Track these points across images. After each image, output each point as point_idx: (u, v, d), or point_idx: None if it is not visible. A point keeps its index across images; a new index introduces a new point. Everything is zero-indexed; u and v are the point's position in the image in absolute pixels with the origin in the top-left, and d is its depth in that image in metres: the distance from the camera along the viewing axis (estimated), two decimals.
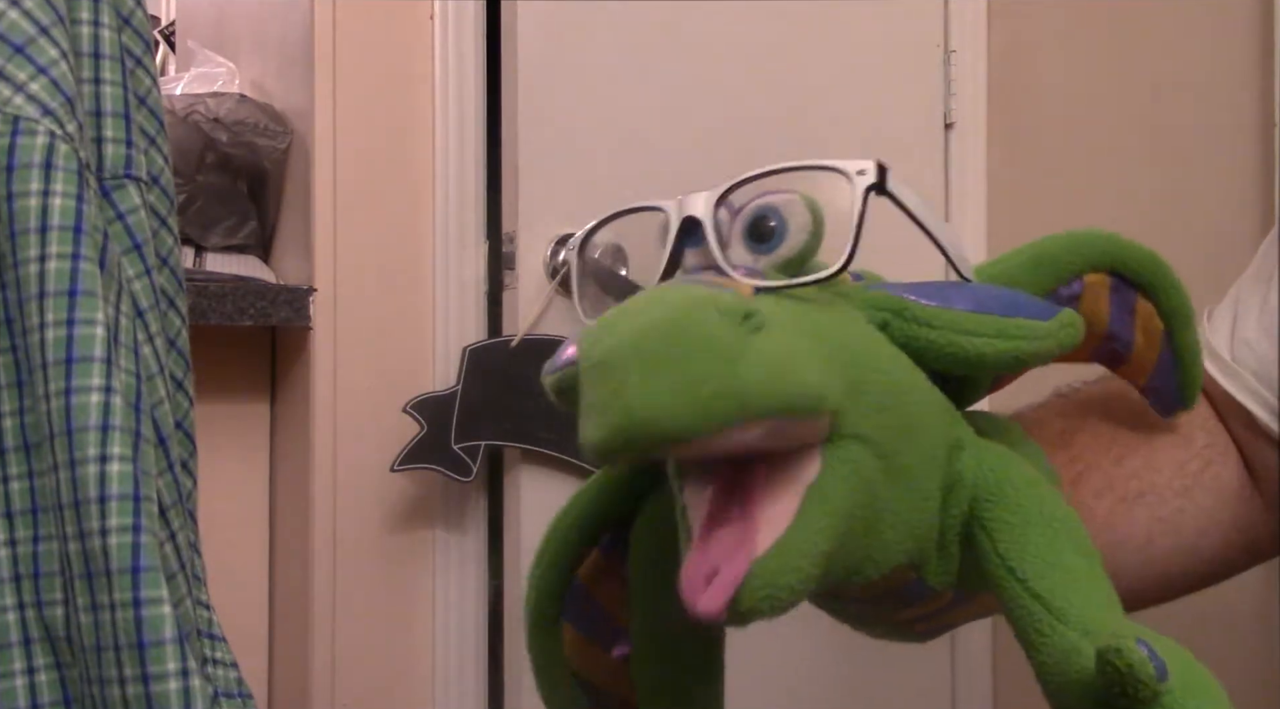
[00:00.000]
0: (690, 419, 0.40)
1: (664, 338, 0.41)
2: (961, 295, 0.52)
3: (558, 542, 0.59)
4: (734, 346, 0.41)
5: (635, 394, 0.40)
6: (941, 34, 1.93)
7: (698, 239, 0.51)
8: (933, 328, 0.51)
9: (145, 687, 0.56)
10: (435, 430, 1.49)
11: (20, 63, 0.60)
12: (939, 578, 0.52)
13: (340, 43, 1.54)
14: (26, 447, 0.60)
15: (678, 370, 0.41)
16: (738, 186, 0.51)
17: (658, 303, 0.43)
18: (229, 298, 1.43)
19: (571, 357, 0.56)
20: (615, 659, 0.59)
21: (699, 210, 0.51)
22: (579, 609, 0.59)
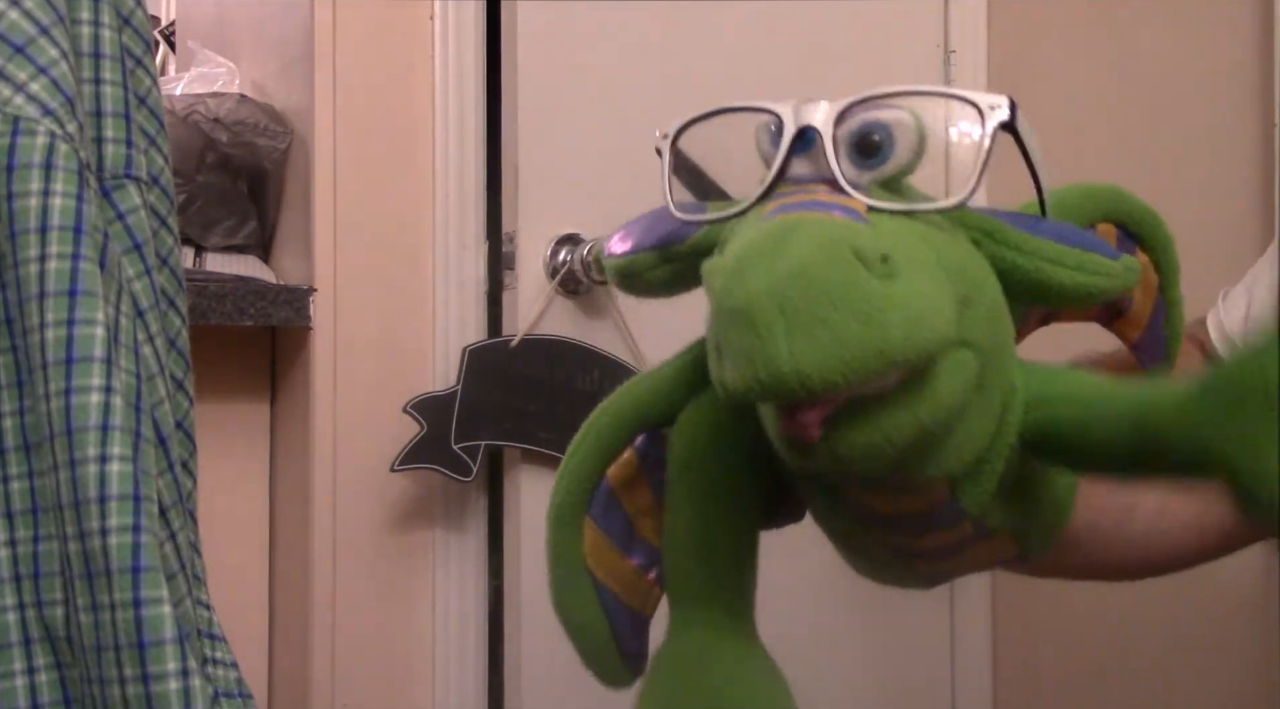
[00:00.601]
0: (837, 376, 0.42)
1: (806, 288, 0.42)
2: (1046, 227, 0.54)
3: (593, 436, 0.59)
4: (875, 299, 0.43)
5: (781, 348, 0.42)
6: (941, 34, 1.93)
7: (804, 147, 0.52)
8: (1022, 252, 0.53)
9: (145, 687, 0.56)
10: (435, 430, 1.49)
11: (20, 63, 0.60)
12: (972, 498, 0.53)
13: (340, 43, 1.54)
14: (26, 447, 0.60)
15: (822, 327, 0.42)
16: (864, 102, 0.52)
17: (792, 241, 0.44)
18: (229, 298, 1.43)
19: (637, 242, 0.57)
20: (633, 566, 0.59)
21: (818, 120, 0.52)
22: (604, 510, 0.59)
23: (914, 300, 0.44)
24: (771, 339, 0.42)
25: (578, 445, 0.60)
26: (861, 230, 0.45)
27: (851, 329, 0.42)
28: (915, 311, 0.44)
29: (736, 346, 0.43)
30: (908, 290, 0.44)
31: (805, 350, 0.42)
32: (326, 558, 1.50)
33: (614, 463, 0.60)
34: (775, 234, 0.45)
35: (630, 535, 0.59)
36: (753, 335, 0.43)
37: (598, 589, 0.60)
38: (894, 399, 0.45)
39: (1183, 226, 1.83)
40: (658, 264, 0.58)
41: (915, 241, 0.48)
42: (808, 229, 0.45)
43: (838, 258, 0.43)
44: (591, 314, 1.61)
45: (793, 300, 0.43)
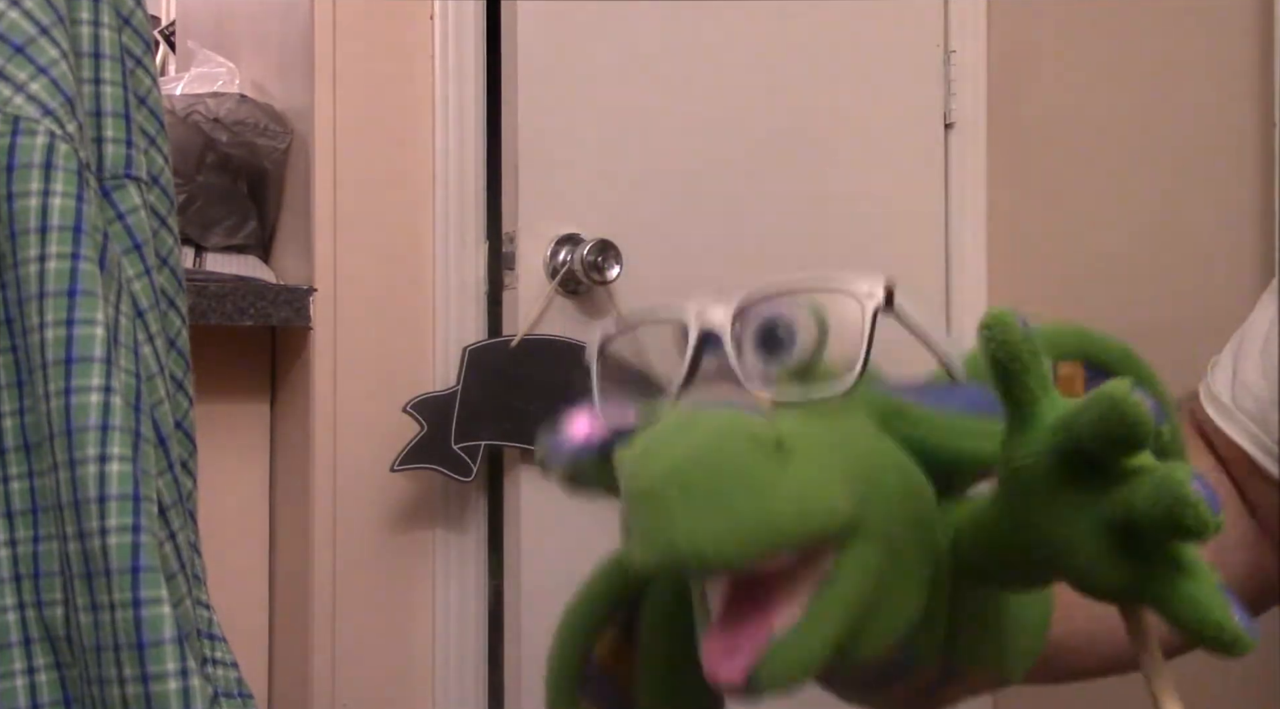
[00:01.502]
0: (731, 552, 0.45)
1: (703, 471, 0.46)
2: (954, 397, 0.57)
3: (573, 624, 0.64)
4: (768, 480, 0.46)
5: (679, 527, 0.45)
6: (941, 34, 1.93)
7: (714, 346, 0.55)
8: (933, 429, 0.55)
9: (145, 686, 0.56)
10: (435, 430, 1.49)
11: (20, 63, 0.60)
12: (924, 650, 0.56)
13: (340, 43, 1.54)
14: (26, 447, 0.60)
15: (718, 506, 0.45)
16: (752, 305, 0.55)
17: (694, 430, 0.47)
18: (229, 298, 1.43)
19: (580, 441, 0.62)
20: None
21: (717, 323, 0.55)
22: (597, 689, 0.63)
23: (804, 481, 0.47)
24: (670, 518, 0.45)
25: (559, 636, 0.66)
26: (761, 421, 0.48)
27: (744, 507, 0.46)
28: (805, 491, 0.47)
29: (641, 526, 0.47)
30: (798, 472, 0.47)
31: (701, 528, 0.45)
32: (326, 558, 1.50)
33: (599, 643, 0.64)
34: (678, 424, 0.49)
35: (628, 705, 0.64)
36: (654, 515, 0.46)
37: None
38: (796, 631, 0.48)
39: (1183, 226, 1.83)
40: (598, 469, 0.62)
41: (819, 430, 0.50)
42: (707, 419, 0.48)
43: (733, 442, 0.47)
44: (591, 314, 1.61)
45: (691, 481, 0.46)
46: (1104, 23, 1.83)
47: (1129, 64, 1.80)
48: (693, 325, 0.55)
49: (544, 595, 1.59)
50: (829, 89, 1.82)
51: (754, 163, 1.75)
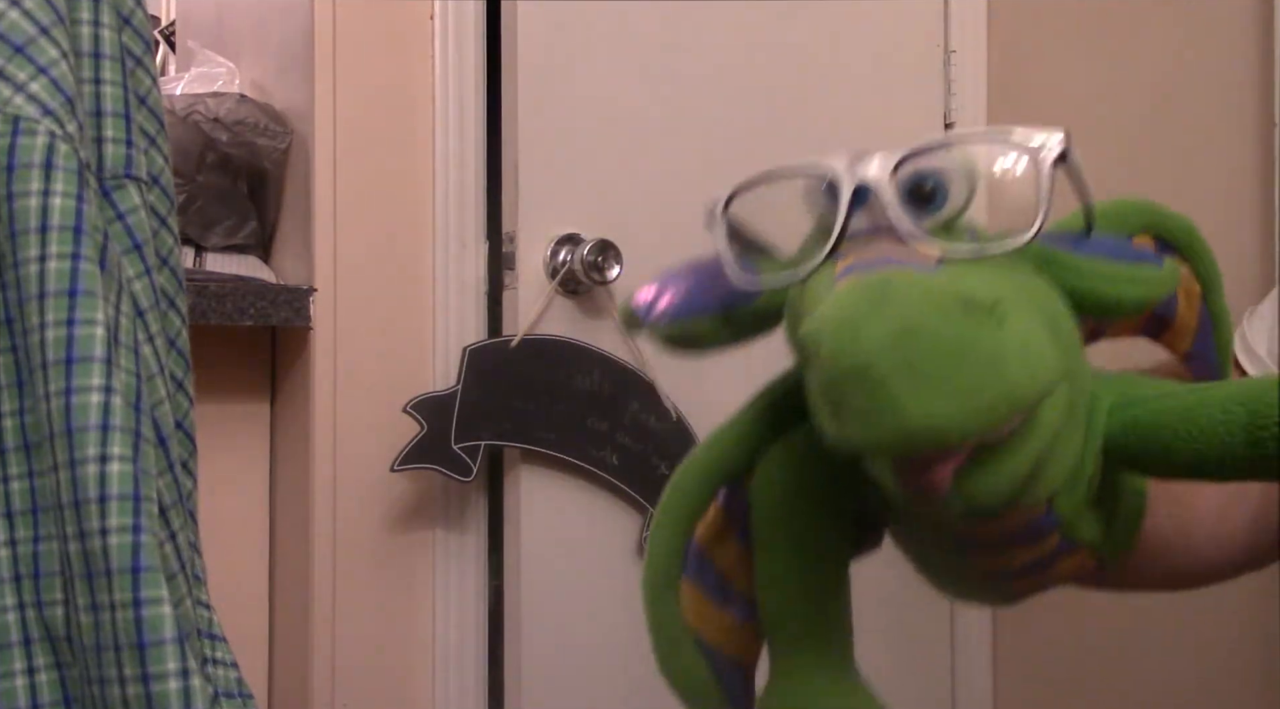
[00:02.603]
0: (970, 426, 0.44)
1: (926, 344, 0.44)
2: (1094, 245, 0.57)
3: (678, 500, 0.61)
4: (993, 348, 0.44)
5: (910, 405, 0.43)
6: (941, 34, 1.93)
7: (863, 201, 0.53)
8: (1079, 275, 0.55)
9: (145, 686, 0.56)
10: (435, 430, 1.49)
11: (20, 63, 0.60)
12: (1068, 507, 0.55)
13: (340, 43, 1.54)
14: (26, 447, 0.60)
15: (949, 381, 0.44)
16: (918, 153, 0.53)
17: (895, 298, 0.45)
18: (229, 298, 1.43)
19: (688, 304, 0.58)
20: (732, 618, 0.60)
21: (873, 176, 0.52)
22: (697, 569, 0.61)
23: (1028, 344, 0.46)
24: (899, 396, 0.43)
25: (663, 511, 0.62)
26: (961, 280, 0.46)
27: (978, 380, 0.44)
28: (1031, 355, 0.46)
29: (859, 406, 0.44)
30: (1019, 335, 0.46)
31: (936, 405, 0.43)
32: (326, 558, 1.50)
33: (701, 522, 0.61)
34: (872, 293, 0.46)
35: (725, 589, 0.61)
36: (878, 393, 0.44)
37: (702, 648, 0.62)
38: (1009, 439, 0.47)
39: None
40: (719, 328, 0.59)
41: (1000, 282, 0.49)
42: (907, 283, 0.46)
43: (948, 310, 0.44)
44: (591, 314, 1.61)
45: (914, 356, 0.44)
46: (1104, 23, 1.83)
47: (1129, 64, 1.80)
48: (845, 180, 0.53)
49: (544, 595, 1.59)
50: (829, 89, 1.82)
51: (754, 162, 1.75)
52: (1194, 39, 1.71)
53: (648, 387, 1.62)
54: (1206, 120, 1.69)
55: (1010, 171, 0.53)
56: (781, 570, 0.59)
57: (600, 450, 1.58)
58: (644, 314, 0.60)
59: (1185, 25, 1.72)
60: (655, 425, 1.62)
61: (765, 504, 0.59)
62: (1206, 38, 1.70)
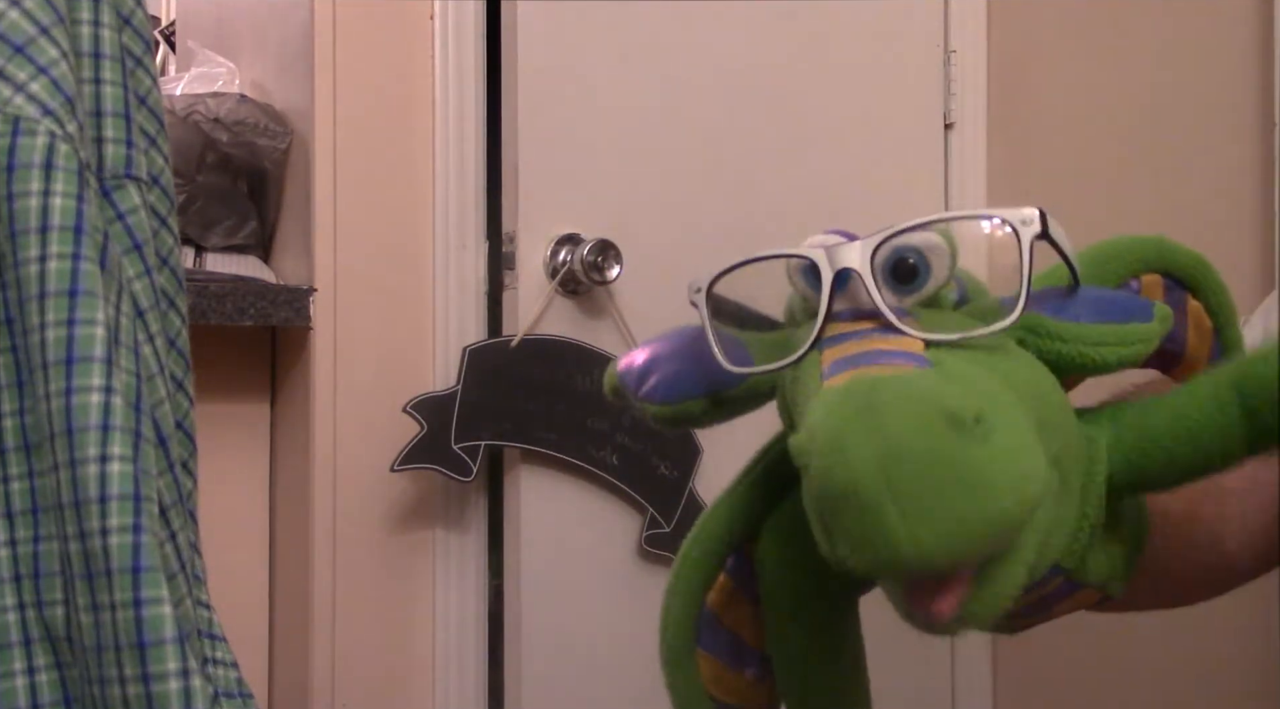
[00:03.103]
0: (959, 551, 0.44)
1: (911, 466, 0.44)
2: (1080, 305, 0.57)
3: (689, 573, 0.62)
4: (981, 469, 0.44)
5: (898, 532, 0.44)
6: (941, 34, 1.93)
7: (845, 284, 0.53)
8: (1065, 342, 0.55)
9: (145, 687, 0.56)
10: (435, 430, 1.49)
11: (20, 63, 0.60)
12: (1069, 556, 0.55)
13: (340, 43, 1.54)
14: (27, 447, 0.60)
15: (936, 509, 0.44)
16: (895, 236, 0.53)
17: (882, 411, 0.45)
18: (229, 298, 1.43)
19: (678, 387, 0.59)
20: (750, 678, 0.62)
21: (855, 262, 0.53)
22: (710, 635, 0.62)
23: (1014, 460, 0.46)
24: (886, 522, 0.44)
25: (674, 584, 0.63)
26: (945, 388, 0.46)
27: (964, 503, 0.44)
28: (1018, 471, 0.45)
29: (850, 529, 0.45)
30: (1005, 450, 0.45)
31: (922, 531, 0.43)
32: (326, 558, 1.50)
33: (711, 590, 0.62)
34: (857, 403, 0.46)
35: (739, 650, 0.62)
36: (866, 519, 0.44)
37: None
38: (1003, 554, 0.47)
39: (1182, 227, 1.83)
40: (709, 408, 0.60)
41: (982, 374, 0.49)
42: (890, 394, 0.46)
43: (932, 427, 0.44)
44: (591, 314, 1.61)
45: (899, 481, 0.44)
46: (1104, 23, 1.83)
47: (1129, 64, 1.80)
48: (825, 265, 0.53)
49: (544, 595, 1.59)
50: (829, 89, 1.82)
51: (754, 162, 1.75)
52: (1194, 39, 1.71)
53: None
54: (1206, 120, 1.69)
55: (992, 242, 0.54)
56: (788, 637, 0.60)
57: (600, 450, 1.58)
58: (633, 389, 0.61)
59: (1185, 25, 1.72)
60: (655, 425, 1.62)
61: (770, 574, 0.60)
62: (1206, 38, 1.70)
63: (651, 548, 1.62)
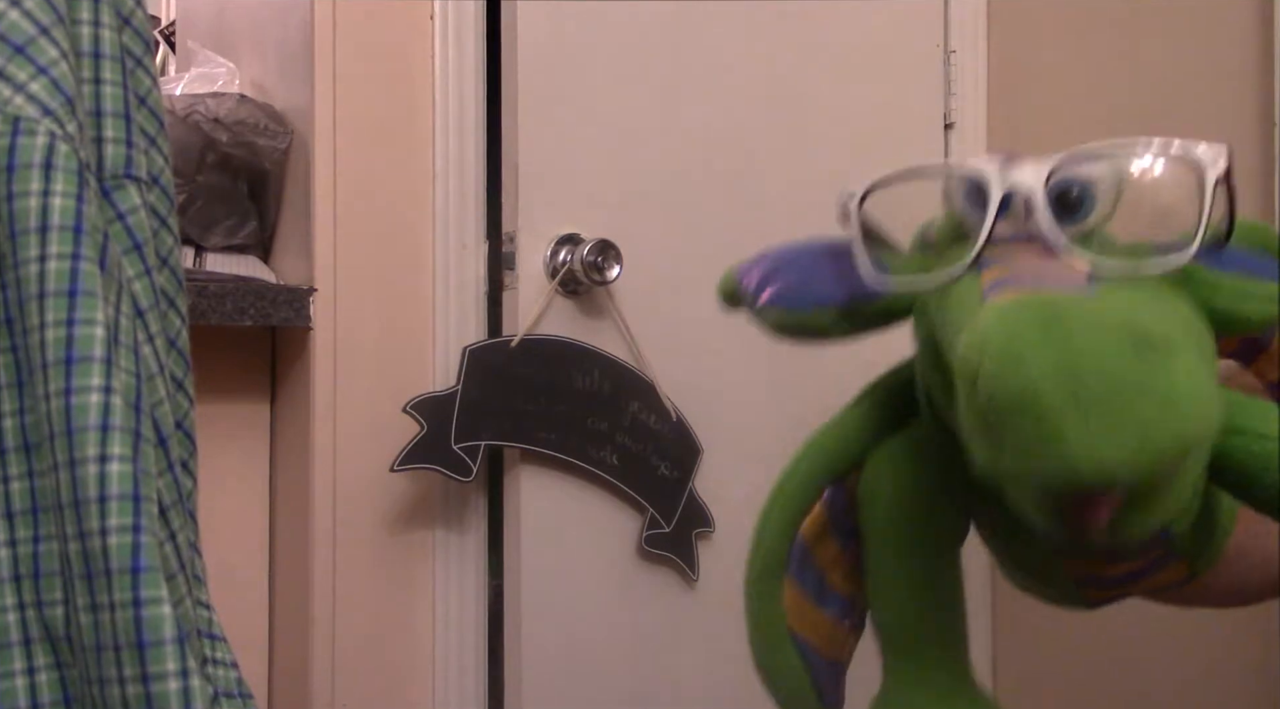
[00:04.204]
0: (1142, 469, 0.43)
1: (1097, 381, 0.42)
2: (1233, 260, 0.57)
3: (785, 498, 0.60)
4: (1167, 390, 0.44)
5: (1078, 443, 0.42)
6: (941, 34, 1.93)
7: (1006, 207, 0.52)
8: (1218, 291, 0.55)
9: (145, 686, 0.56)
10: (435, 430, 1.49)
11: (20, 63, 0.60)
12: (1181, 527, 0.55)
13: (340, 43, 1.54)
14: (27, 447, 0.60)
15: (1122, 421, 0.42)
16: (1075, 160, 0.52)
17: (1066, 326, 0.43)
18: (229, 298, 1.43)
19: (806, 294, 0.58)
20: (830, 618, 0.60)
21: (1028, 184, 0.52)
22: (800, 566, 0.60)
23: (1196, 382, 0.45)
24: (1067, 432, 0.42)
25: (771, 506, 0.62)
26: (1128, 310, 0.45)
27: (1153, 422, 0.43)
28: (1201, 397, 0.45)
29: (1021, 437, 0.43)
30: (1187, 372, 0.45)
31: (1107, 443, 0.42)
32: (326, 558, 1.50)
33: (805, 521, 0.61)
34: (1037, 317, 0.44)
35: (823, 588, 0.61)
36: (1043, 427, 0.43)
37: (799, 645, 0.62)
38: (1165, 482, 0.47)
39: None
40: (839, 320, 0.59)
41: (1163, 312, 0.49)
42: (1074, 311, 0.44)
43: (1120, 345, 0.43)
44: (591, 314, 1.61)
45: (1085, 391, 0.42)
46: (1104, 23, 1.83)
47: (1129, 64, 1.79)
48: (995, 184, 0.52)
49: (544, 595, 1.59)
50: (829, 89, 1.82)
51: (754, 163, 1.75)
52: (1194, 39, 1.71)
53: (648, 387, 1.62)
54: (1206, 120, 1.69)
55: (1163, 183, 0.53)
56: (895, 573, 0.59)
57: (600, 450, 1.58)
58: (752, 296, 0.59)
59: (1185, 25, 1.72)
60: (655, 425, 1.62)
61: (876, 504, 0.58)
62: (1206, 38, 1.70)
63: (651, 548, 1.62)
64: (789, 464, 0.61)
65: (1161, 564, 0.58)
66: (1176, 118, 1.73)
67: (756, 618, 0.61)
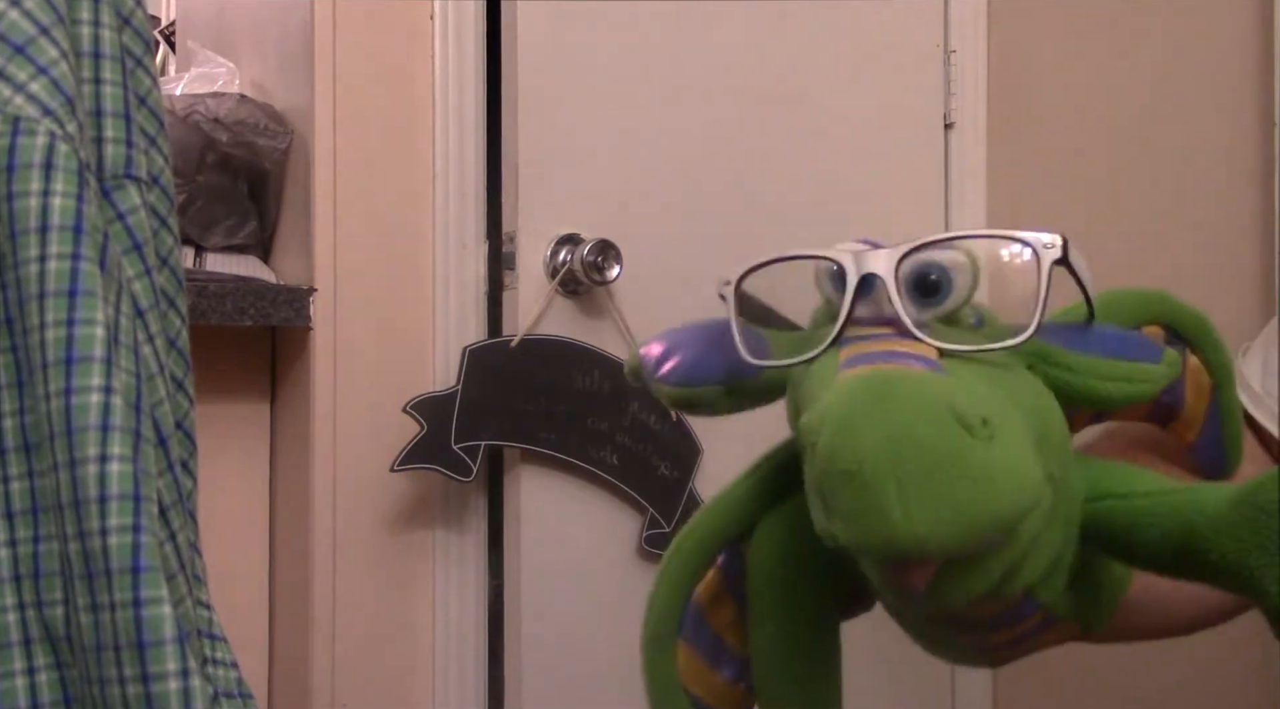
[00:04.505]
0: (953, 541, 0.45)
1: (917, 453, 0.45)
2: (1092, 340, 0.58)
3: (679, 563, 0.63)
4: (983, 465, 0.46)
5: (896, 514, 0.45)
6: (941, 34, 1.93)
7: (869, 291, 0.54)
8: (1073, 372, 0.56)
9: (145, 687, 0.56)
10: (435, 430, 1.49)
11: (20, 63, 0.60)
12: (1047, 596, 0.57)
13: (340, 43, 1.54)
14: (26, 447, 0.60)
15: (938, 493, 0.45)
16: (922, 247, 0.55)
17: (894, 402, 0.46)
18: (229, 298, 1.43)
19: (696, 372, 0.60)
20: (724, 680, 0.62)
21: (880, 268, 0.54)
22: (694, 629, 0.63)
23: (1015, 463, 0.47)
24: (886, 503, 0.45)
25: (665, 571, 0.64)
26: (956, 390, 0.47)
27: (965, 495, 0.45)
28: (1018, 475, 0.47)
29: (848, 507, 0.46)
30: (1007, 453, 0.47)
31: (921, 516, 0.44)
32: (326, 558, 1.50)
33: (701, 583, 0.63)
34: (871, 392, 0.47)
35: (719, 650, 0.63)
36: (866, 497, 0.45)
37: (695, 705, 0.63)
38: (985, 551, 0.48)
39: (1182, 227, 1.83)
40: (723, 396, 0.61)
41: (991, 387, 0.50)
42: (905, 388, 0.47)
43: (942, 421, 0.45)
44: (591, 314, 1.61)
45: (904, 465, 0.45)
46: (1104, 23, 1.83)
47: (1129, 64, 1.80)
48: (852, 269, 0.54)
49: (544, 595, 1.59)
50: (829, 89, 1.82)
51: (754, 163, 1.75)
52: (1194, 39, 1.71)
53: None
54: (1206, 120, 1.69)
55: (1012, 267, 0.55)
56: (773, 638, 0.61)
57: (600, 450, 1.58)
58: (651, 371, 0.62)
59: (1185, 25, 1.72)
60: (655, 425, 1.62)
61: (760, 570, 0.61)
62: (1206, 37, 1.70)
63: (651, 548, 1.62)
64: (685, 527, 0.64)
65: (1047, 626, 0.60)
66: (1177, 118, 1.73)
67: (651, 678, 0.64)
